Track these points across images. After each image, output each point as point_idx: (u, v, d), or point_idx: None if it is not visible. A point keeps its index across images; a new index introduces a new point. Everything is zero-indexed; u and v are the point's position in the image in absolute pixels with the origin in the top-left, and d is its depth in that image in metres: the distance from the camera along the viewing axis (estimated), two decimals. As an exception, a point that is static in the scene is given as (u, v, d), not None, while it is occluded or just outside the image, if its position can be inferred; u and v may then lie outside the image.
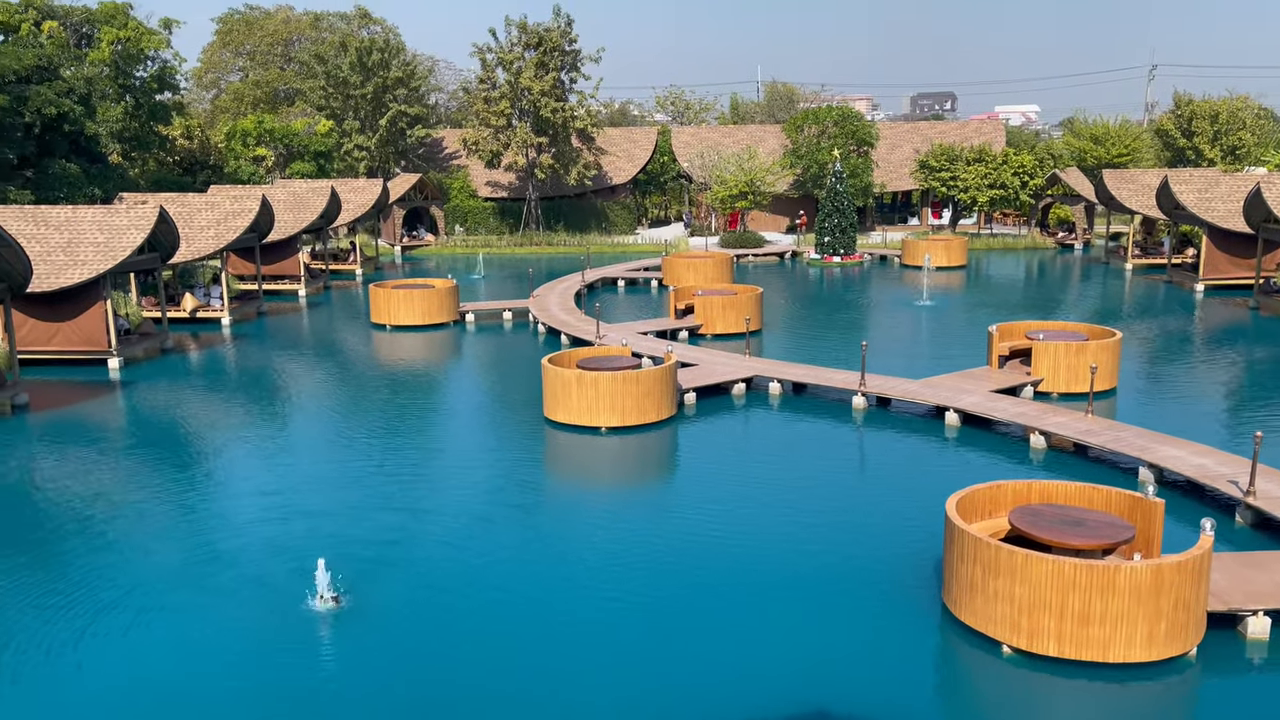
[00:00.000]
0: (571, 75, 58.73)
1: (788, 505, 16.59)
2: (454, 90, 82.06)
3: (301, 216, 41.52)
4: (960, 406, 21.07)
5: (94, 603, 13.35)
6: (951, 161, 58.30)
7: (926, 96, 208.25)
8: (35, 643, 12.31)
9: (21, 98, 38.52)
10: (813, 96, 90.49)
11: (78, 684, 11.44)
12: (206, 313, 34.50)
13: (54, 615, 13.01)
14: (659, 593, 13.50)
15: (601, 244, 57.24)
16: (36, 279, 25.77)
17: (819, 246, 49.46)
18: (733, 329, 30.48)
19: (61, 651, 12.11)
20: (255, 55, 78.18)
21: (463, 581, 13.95)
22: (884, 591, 13.43)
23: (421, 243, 58.74)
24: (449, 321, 33.97)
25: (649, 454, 20.38)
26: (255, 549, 15.12)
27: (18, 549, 15.28)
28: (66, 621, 12.84)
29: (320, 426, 22.31)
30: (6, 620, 12.89)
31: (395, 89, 60.59)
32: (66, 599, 13.47)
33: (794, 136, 61.22)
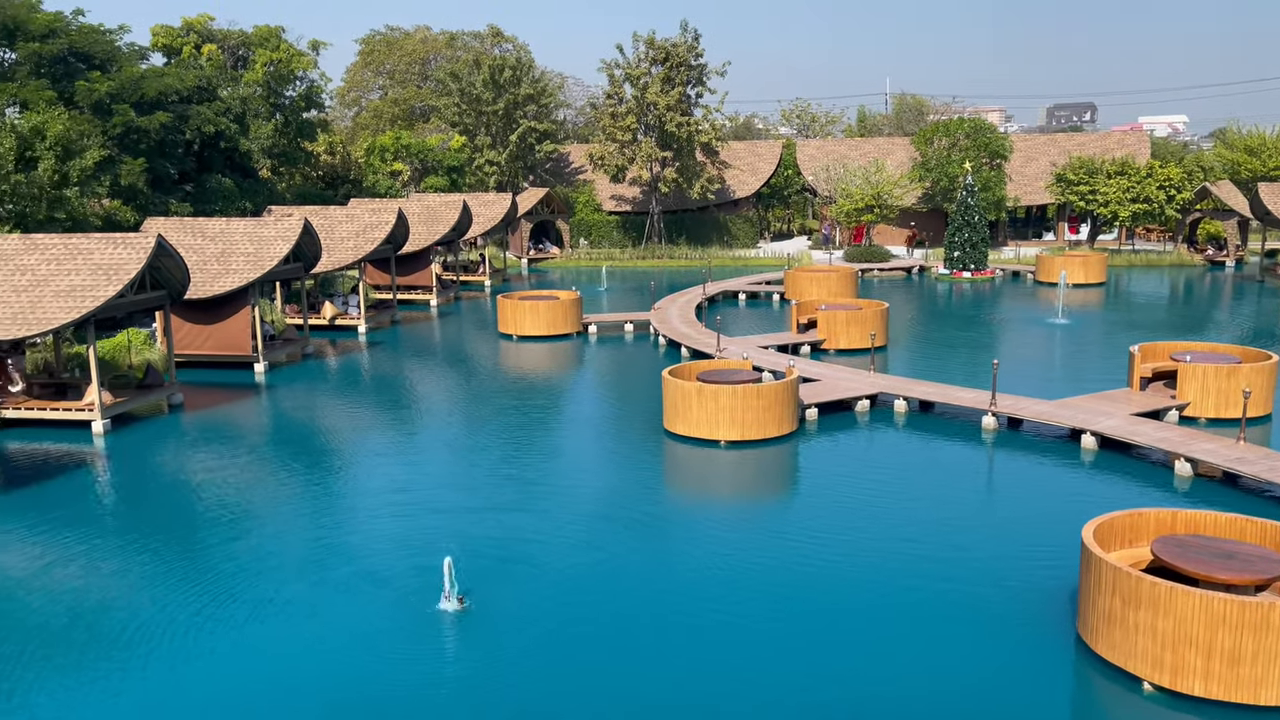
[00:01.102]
0: (697, 89, 59.07)
1: (912, 528, 16.21)
2: (581, 106, 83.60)
3: (434, 229, 42.96)
4: (1098, 429, 20.16)
5: (230, 593, 14.11)
6: (1091, 175, 55.94)
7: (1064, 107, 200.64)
8: (172, 628, 13.09)
9: (184, 116, 41.20)
10: (943, 108, 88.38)
11: (210, 670, 12.11)
12: (344, 320, 36.07)
13: (193, 602, 13.81)
14: (777, 612, 13.37)
15: (723, 257, 57.24)
16: (192, 286, 27.46)
17: (948, 261, 48.20)
18: (857, 344, 29.99)
19: (198, 636, 12.84)
20: (394, 74, 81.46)
21: (582, 588, 14.15)
22: (1015, 621, 12.96)
23: (547, 255, 59.94)
24: (572, 332, 34.55)
25: (769, 469, 20.24)
26: (383, 547, 15.70)
27: (166, 537, 16.29)
28: (206, 609, 13.60)
29: (447, 431, 23.02)
30: (147, 605, 13.76)
31: (525, 105, 62.13)
32: (206, 588, 14.28)
33: (923, 149, 59.89)
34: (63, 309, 22.25)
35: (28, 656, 12.42)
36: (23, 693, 11.60)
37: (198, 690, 11.63)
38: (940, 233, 58.04)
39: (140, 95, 39.33)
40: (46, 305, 22.40)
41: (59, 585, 14.49)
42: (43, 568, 15.16)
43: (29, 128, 30.71)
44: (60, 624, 13.27)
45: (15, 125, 30.81)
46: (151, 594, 14.11)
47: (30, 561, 15.47)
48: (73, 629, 13.12)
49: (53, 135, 30.70)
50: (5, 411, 22.94)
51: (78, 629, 13.11)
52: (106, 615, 13.48)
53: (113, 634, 12.94)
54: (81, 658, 12.37)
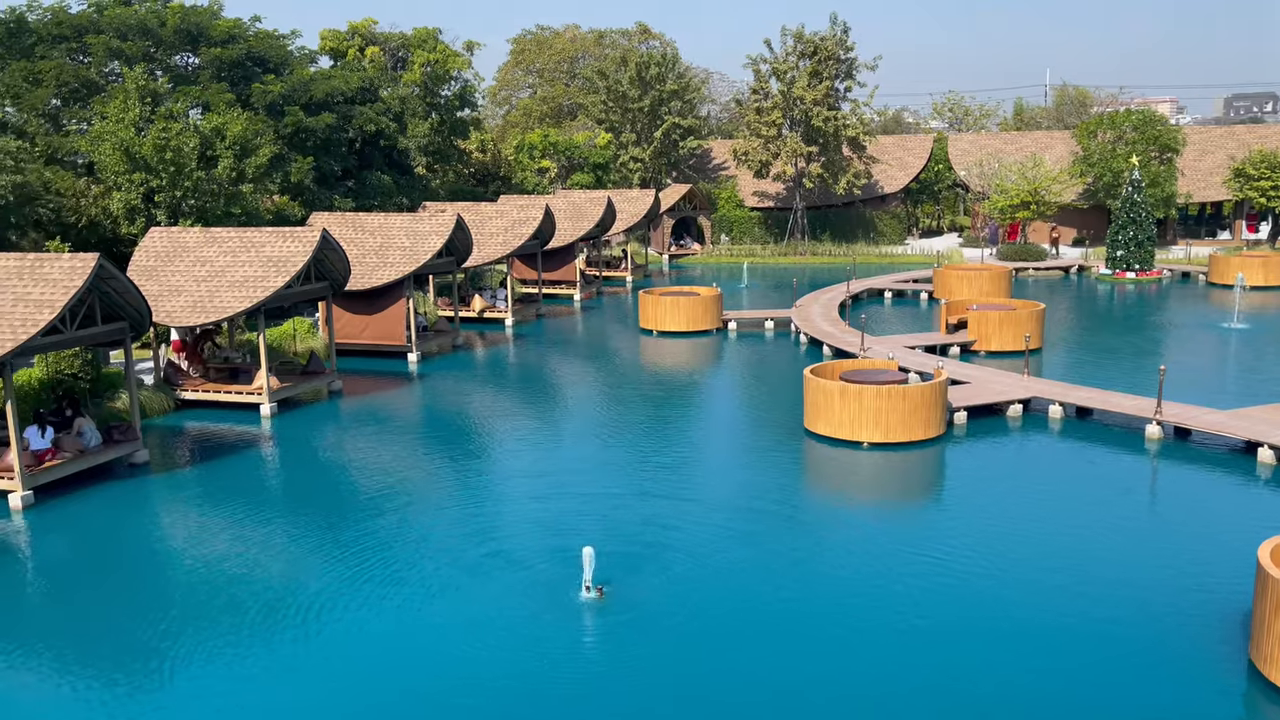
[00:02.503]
0: (846, 83, 58.00)
1: (1067, 543, 15.45)
2: (726, 102, 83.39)
3: (579, 225, 43.73)
4: (1277, 443, 18.73)
5: (379, 571, 14.76)
6: (1273, 169, 51.94)
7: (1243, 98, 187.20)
8: (326, 603, 13.80)
9: (347, 116, 43.36)
10: (1108, 99, 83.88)
11: (360, 645, 12.70)
12: (492, 314, 37.18)
13: (345, 579, 14.50)
14: (918, 624, 12.99)
15: (868, 254, 56.04)
16: (352, 278, 28.87)
17: (1110, 261, 45.72)
18: (1010, 346, 28.82)
19: (348, 612, 13.50)
20: (543, 73, 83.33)
21: (719, 585, 14.15)
22: (1183, 646, 12.17)
23: (688, 252, 60.09)
24: (712, 329, 34.54)
25: (912, 474, 19.71)
26: (527, 533, 16.12)
27: (323, 516, 17.19)
28: (356, 587, 14.27)
29: (589, 423, 23.43)
30: (302, 580, 14.55)
31: (670, 101, 62.42)
32: (356, 566, 14.96)
33: (1085, 143, 56.92)
34: (237, 298, 23.78)
35: (192, 626, 13.35)
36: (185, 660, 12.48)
37: (346, 666, 12.23)
38: (1103, 230, 55.08)
39: (309, 97, 41.62)
40: (223, 295, 23.99)
41: (221, 558, 15.51)
42: (209, 540, 16.27)
43: (210, 128, 32.97)
44: (219, 596, 14.20)
45: (198, 126, 33.14)
46: (307, 570, 14.92)
47: (201, 536, 16.63)
48: (229, 601, 14.00)
49: (232, 135, 32.85)
50: (185, 393, 24.71)
51: (234, 601, 13.98)
52: (268, 591, 14.34)
53: (270, 608, 13.74)
54: (239, 631, 13.19)
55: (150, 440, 21.66)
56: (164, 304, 23.94)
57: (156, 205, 31.18)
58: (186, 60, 43.22)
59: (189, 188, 30.84)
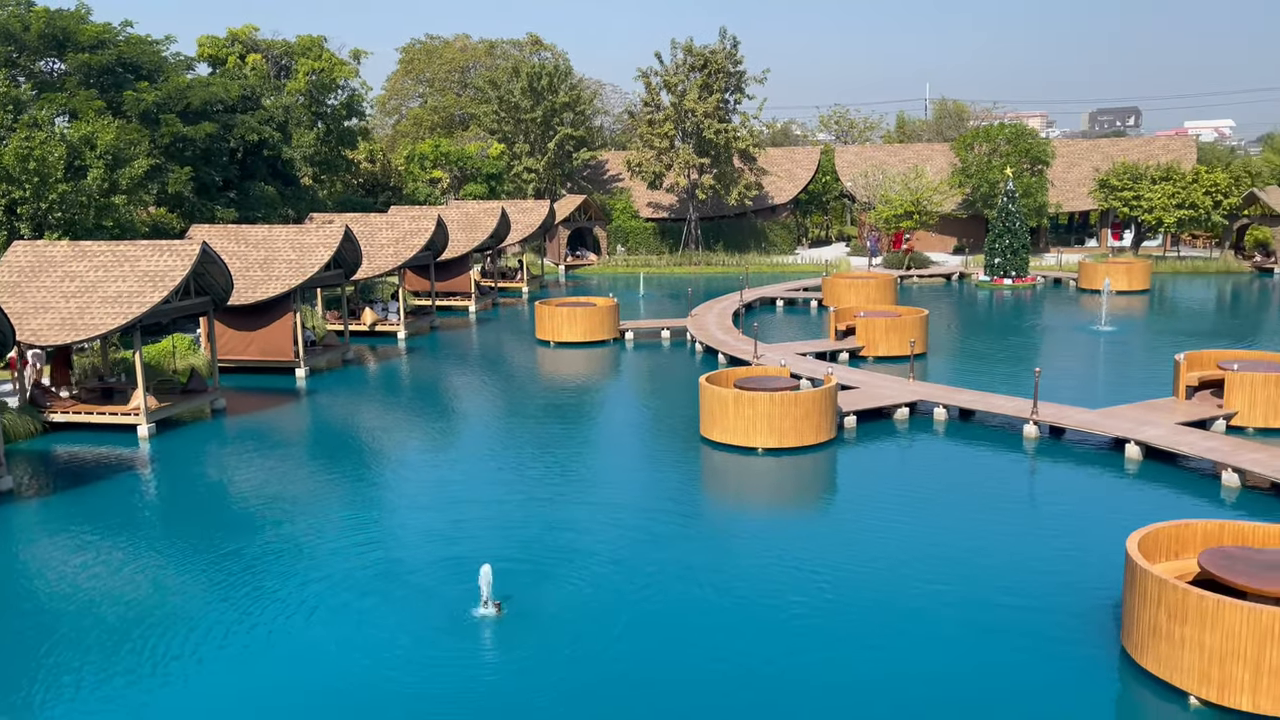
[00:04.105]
0: (736, 96, 59.00)
1: (952, 539, 16.01)
2: (619, 113, 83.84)
3: (473, 236, 43.31)
4: (1143, 439, 19.81)
5: (266, 596, 14.26)
6: (1135, 180, 55.08)
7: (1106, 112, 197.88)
8: (208, 631, 13.26)
9: (228, 125, 41.89)
10: (984, 114, 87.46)
11: (243, 673, 12.24)
12: (384, 327, 36.44)
13: (229, 606, 13.97)
14: (814, 622, 13.27)
15: (760, 264, 57.06)
16: (236, 293, 27.88)
17: (988, 268, 47.68)
18: (896, 352, 29.75)
19: (233, 639, 13.00)
20: (434, 82, 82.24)
21: (619, 595, 14.14)
22: (1058, 635, 12.74)
23: (584, 262, 60.13)
24: (609, 339, 34.62)
25: (806, 477, 20.12)
26: (420, 553, 15.80)
27: (205, 540, 16.51)
28: (242, 613, 13.76)
29: (484, 438, 23.15)
30: (184, 608, 13.95)
31: (563, 113, 62.46)
32: (242, 591, 14.44)
33: (963, 155, 59.33)
34: (110, 315, 22.69)
35: (66, 659, 12.64)
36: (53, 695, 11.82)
37: (229, 694, 11.76)
38: (981, 239, 57.41)
39: (186, 105, 40.06)
40: (94, 311, 22.86)
41: (96, 587, 14.74)
42: (83, 570, 15.44)
43: (78, 137, 31.39)
44: (96, 626, 13.49)
45: (65, 135, 31.52)
46: (188, 597, 14.32)
47: (72, 564, 15.76)
48: (120, 631, 13.33)
49: (102, 145, 31.35)
50: (54, 415, 23.43)
51: (125, 631, 13.32)
52: (145, 618, 13.68)
53: (149, 637, 13.12)
54: (115, 661, 12.55)
55: (15, 466, 20.46)
56: (29, 322, 22.69)
57: (19, 218, 29.54)
58: (52, 66, 41.08)
59: (55, 199, 29.31)
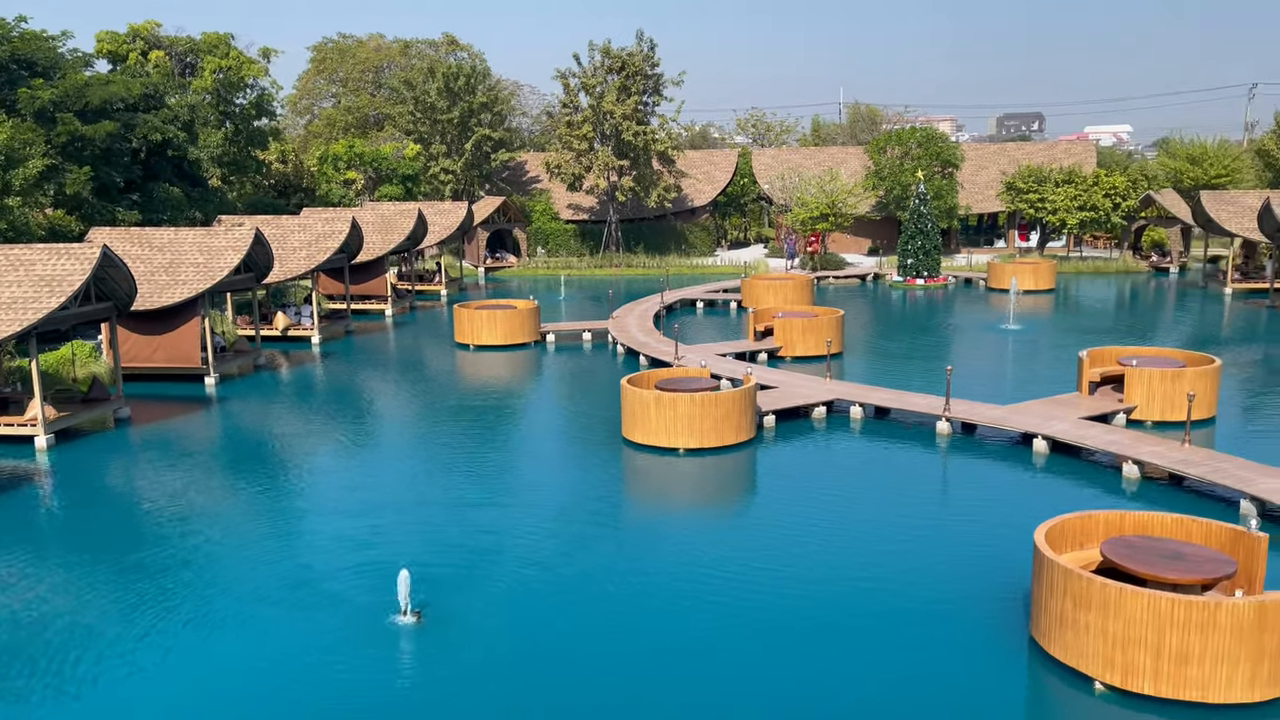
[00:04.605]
0: (654, 98, 59.27)
1: (869, 532, 16.33)
2: (537, 114, 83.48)
3: (389, 238, 42.62)
4: (1049, 434, 20.48)
5: (176, 611, 13.80)
6: (1040, 183, 57.01)
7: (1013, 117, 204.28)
8: (117, 648, 12.77)
9: (130, 125, 40.41)
10: (896, 118, 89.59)
11: (152, 691, 11.81)
12: (297, 331, 35.58)
13: (137, 621, 13.47)
14: (734, 620, 13.38)
15: (680, 266, 57.40)
16: (140, 298, 26.92)
17: (902, 269, 48.78)
18: (813, 352, 30.20)
19: (157, 659, 12.54)
20: (347, 82, 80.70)
21: (541, 600, 14.04)
22: (969, 623, 13.09)
23: (504, 264, 59.70)
24: (530, 342, 34.41)
25: (727, 477, 20.28)
26: (337, 563, 15.45)
27: (110, 555, 15.89)
28: (150, 628, 13.28)
29: (403, 444, 22.77)
30: (89, 625, 13.41)
31: (480, 113, 61.94)
32: (150, 606, 13.94)
33: (876, 158, 60.62)
34: (3, 322, 21.67)
35: (-34, 680, 12.04)
36: (-39, 718, 11.24)
37: (126, 715, 11.33)
38: (894, 240, 58.72)
39: (85, 103, 38.51)
40: (-13, 318, 21.79)
41: None
42: (-18, 588, 14.72)
43: (-32, 136, 29.94)
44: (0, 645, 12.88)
45: (-46, 133, 30.03)
46: (86, 613, 13.75)
47: (-31, 582, 15.01)
48: (11, 650, 12.72)
49: (-7, 143, 29.97)
50: (-57, 427, 22.29)
51: (16, 650, 12.72)
52: (38, 637, 13.10)
53: (53, 655, 12.57)
54: (4, 682, 11.99)
55: (-99, 482, 19.39)
56: (-85, 330, 21.51)
57: (-96, 220, 28.04)
58: (-61, 61, 39.11)
59: (-57, 201, 27.89)
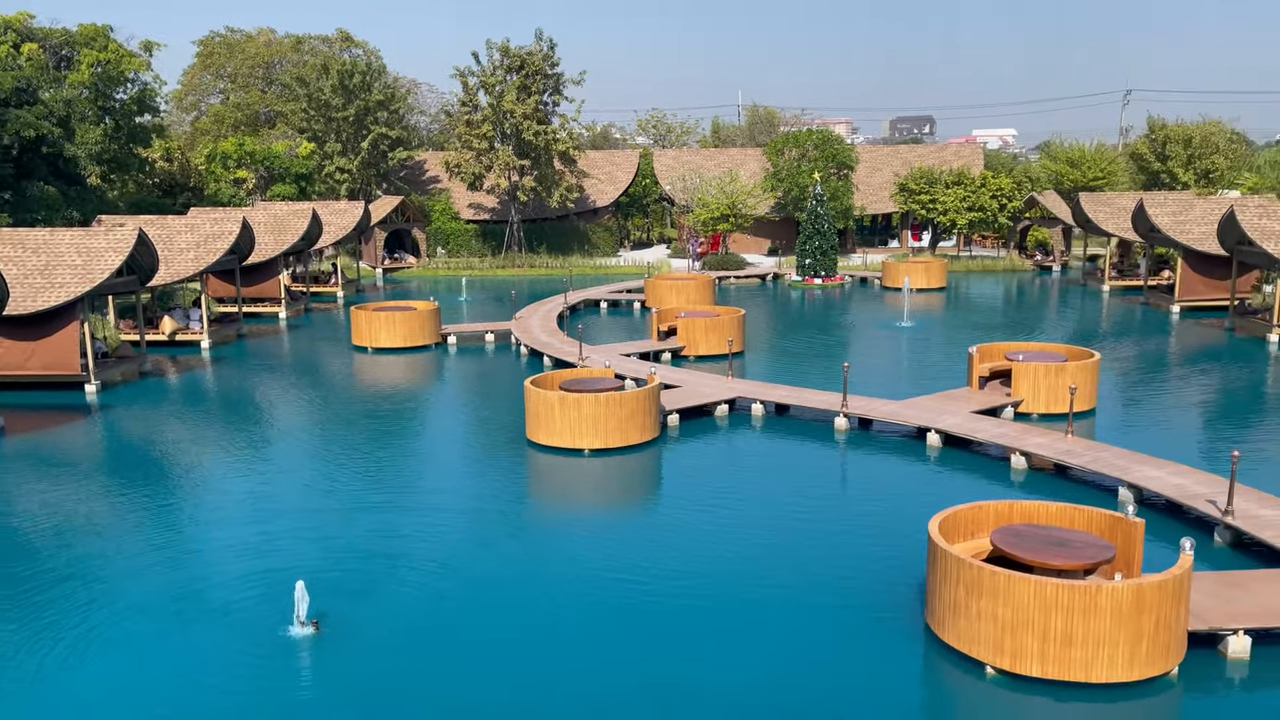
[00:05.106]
0: (554, 98, 59.03)
1: (770, 527, 16.58)
2: (435, 113, 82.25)
3: (282, 239, 41.42)
4: (941, 427, 21.15)
5: (60, 629, 13.14)
6: (930, 184, 58.84)
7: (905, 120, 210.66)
8: (8, 671, 12.10)
9: (1, 120, 38.28)
10: (793, 120, 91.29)
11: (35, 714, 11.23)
12: (186, 335, 34.25)
13: (21, 640, 12.78)
14: (640, 616, 13.42)
15: (584, 266, 57.32)
16: (13, 302, 25.52)
17: (800, 269, 49.72)
18: (715, 351, 30.53)
19: (26, 680, 11.89)
20: (236, 78, 78.10)
21: (444, 607, 13.83)
22: (867, 612, 13.41)
23: (403, 265, 58.65)
24: (431, 344, 33.87)
25: (632, 476, 20.33)
26: (231, 576, 14.93)
27: (-9, 575, 15.04)
28: (35, 649, 12.61)
29: (299, 451, 22.14)
30: (-22, 648, 12.67)
31: (377, 111, 60.72)
32: (37, 626, 13.24)
33: (775, 160, 61.65)
34: None
35: None
36: None
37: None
38: (792, 241, 59.83)
39: (-51, 96, 36.35)
40: None
41: None
42: None
43: None
44: None
45: None
46: (-33, 637, 12.97)
47: None
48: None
49: None
50: None
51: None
52: (-87, 663, 12.30)
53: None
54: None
55: None
56: None
57: None
58: None
59: None
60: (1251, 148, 74.62)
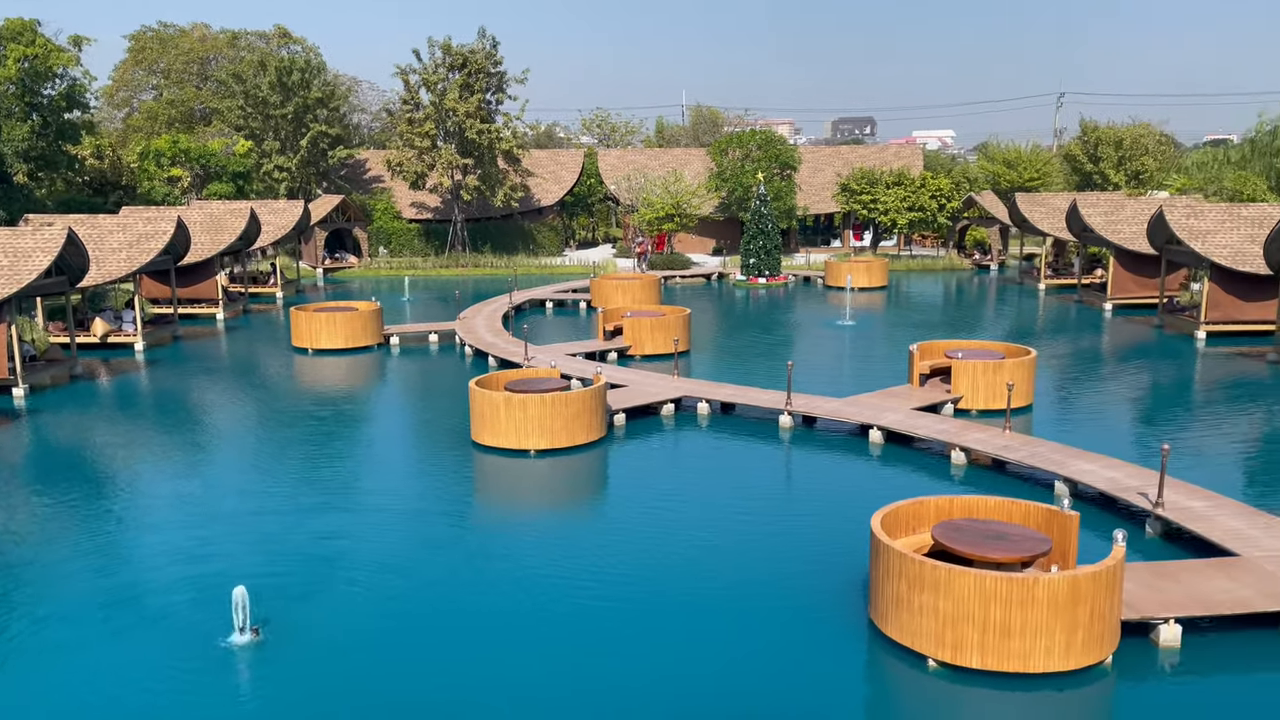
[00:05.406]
0: (497, 96, 58.64)
1: (716, 524, 16.66)
2: (377, 111, 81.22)
3: (219, 238, 40.59)
4: (883, 424, 21.44)
5: (-4, 643, 12.72)
6: (872, 185, 59.63)
7: (847, 121, 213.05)
8: (-69, 687, 11.67)
9: (-81, 115, 36.97)
10: (736, 120, 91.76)
11: (-23, 729, 10.88)
12: (118, 338, 33.37)
13: (-48, 657, 12.35)
14: (585, 617, 13.38)
15: (529, 266, 57.06)
16: (-66, 304, 24.62)
17: (744, 268, 50.04)
18: (661, 350, 30.59)
19: (-40, 695, 11.50)
20: (170, 74, 76.28)
21: (390, 609, 13.65)
22: (812, 608, 13.54)
23: (344, 265, 57.82)
24: (373, 345, 33.44)
25: (579, 476, 20.28)
26: (165, 582, 14.57)
27: (-88, 588, 14.49)
28: (-35, 663, 12.20)
29: (239, 455, 21.70)
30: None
31: (316, 109, 59.78)
32: (-35, 639, 12.81)
33: (719, 160, 61.97)
34: None
35: None
36: None
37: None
38: (737, 240, 60.20)
39: None
40: None
41: None
42: None
43: None
44: None
45: None
46: (-114, 652, 12.48)
47: None
48: None
49: None
50: None
51: None
52: None
53: None
54: None
55: None
56: None
57: None
58: None
59: None
60: (1179, 150, 76.87)
